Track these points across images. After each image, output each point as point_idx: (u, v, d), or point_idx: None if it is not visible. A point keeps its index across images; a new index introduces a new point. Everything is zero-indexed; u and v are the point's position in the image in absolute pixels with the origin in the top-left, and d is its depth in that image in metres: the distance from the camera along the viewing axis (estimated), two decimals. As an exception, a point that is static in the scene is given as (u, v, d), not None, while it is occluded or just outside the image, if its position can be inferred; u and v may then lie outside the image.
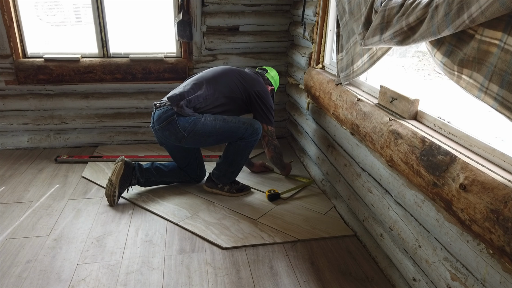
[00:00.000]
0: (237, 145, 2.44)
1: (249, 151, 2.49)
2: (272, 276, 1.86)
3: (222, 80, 2.47)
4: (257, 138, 2.45)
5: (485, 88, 1.11)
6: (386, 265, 1.88)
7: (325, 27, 2.60)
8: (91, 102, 3.22)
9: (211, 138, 2.35)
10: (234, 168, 2.52)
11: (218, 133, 2.34)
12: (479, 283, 1.25)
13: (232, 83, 2.48)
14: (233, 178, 2.56)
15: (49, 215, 2.30)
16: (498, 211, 1.09)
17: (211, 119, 2.34)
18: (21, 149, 3.24)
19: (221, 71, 2.54)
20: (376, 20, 1.62)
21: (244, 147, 2.44)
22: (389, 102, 1.81)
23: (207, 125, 2.31)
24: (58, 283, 1.78)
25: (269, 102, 2.56)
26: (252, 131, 2.40)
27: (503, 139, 1.99)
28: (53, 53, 3.14)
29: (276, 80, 2.83)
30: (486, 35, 1.10)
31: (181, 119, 2.27)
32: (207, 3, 3.12)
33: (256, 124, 2.44)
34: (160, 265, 1.92)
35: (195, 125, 2.28)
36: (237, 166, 2.53)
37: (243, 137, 2.40)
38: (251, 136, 2.41)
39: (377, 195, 1.89)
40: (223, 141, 2.46)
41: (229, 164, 2.50)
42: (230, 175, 2.53)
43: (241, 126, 2.38)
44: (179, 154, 2.56)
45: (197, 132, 2.29)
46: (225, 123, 2.36)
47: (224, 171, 2.52)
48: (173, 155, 2.59)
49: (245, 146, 2.44)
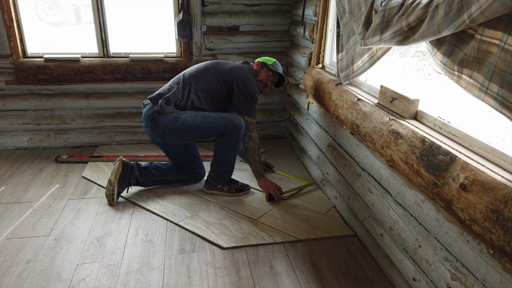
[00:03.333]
0: (221, 142, 2.44)
1: (234, 148, 2.45)
2: (272, 276, 1.86)
3: (202, 74, 2.46)
4: (240, 134, 2.40)
5: (485, 88, 1.11)
6: (386, 265, 1.88)
7: (325, 27, 2.60)
8: (91, 102, 3.22)
9: (192, 134, 2.38)
10: (225, 168, 2.51)
11: (199, 129, 2.35)
12: (479, 283, 1.25)
13: (211, 76, 2.45)
14: (227, 177, 2.55)
15: (49, 215, 2.30)
16: (498, 211, 1.09)
17: (192, 116, 2.35)
18: (21, 149, 3.24)
19: (203, 65, 2.51)
20: (376, 20, 1.62)
21: (228, 143, 2.42)
22: (389, 102, 1.81)
23: (188, 121, 2.33)
24: (58, 283, 1.78)
25: (249, 90, 2.41)
26: (232, 126, 2.36)
27: (503, 139, 1.98)
28: (53, 53, 3.14)
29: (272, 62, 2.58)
30: (486, 35, 1.10)
31: (162, 116, 2.33)
32: (207, 3, 3.12)
33: (237, 119, 2.38)
34: (160, 265, 1.92)
35: (176, 122, 2.32)
36: (228, 165, 2.51)
37: (224, 133, 2.39)
38: (231, 132, 2.38)
39: (377, 195, 1.89)
40: (205, 137, 2.46)
41: (219, 164, 2.50)
42: (223, 175, 2.53)
43: (221, 122, 2.36)
44: (172, 152, 2.58)
45: (178, 128, 2.33)
46: (205, 119, 2.36)
47: (217, 171, 2.52)
48: (167, 153, 2.61)
49: (228, 142, 2.42)
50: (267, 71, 2.55)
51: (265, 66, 2.55)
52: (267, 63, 2.56)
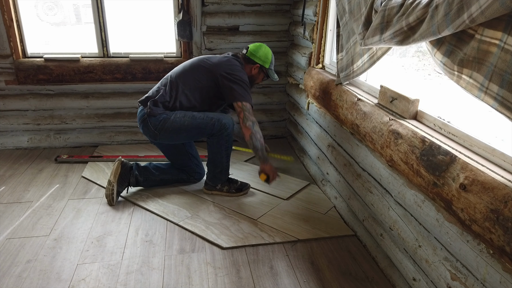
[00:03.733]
0: (211, 143, 2.45)
1: (225, 148, 2.45)
2: (272, 276, 1.86)
3: (189, 73, 2.45)
4: (228, 134, 2.40)
5: (485, 88, 1.11)
6: (386, 265, 1.88)
7: (325, 27, 2.60)
8: (91, 102, 3.22)
9: (182, 134, 2.39)
10: (219, 168, 2.50)
11: (187, 129, 2.36)
12: (479, 283, 1.25)
13: (198, 73, 2.44)
14: (224, 177, 2.55)
15: (49, 215, 2.30)
16: (498, 211, 1.09)
17: (181, 116, 2.36)
18: (21, 149, 3.24)
19: (189, 64, 2.51)
20: (376, 20, 1.62)
21: (217, 144, 2.43)
22: (389, 102, 1.81)
23: (176, 122, 2.34)
24: (58, 283, 1.78)
25: (239, 77, 2.37)
26: (220, 126, 2.37)
27: (503, 139, 1.98)
28: (53, 53, 3.14)
29: (261, 56, 2.50)
30: (486, 35, 1.10)
31: (152, 118, 2.36)
32: (207, 3, 3.12)
33: (225, 119, 2.38)
34: (160, 265, 1.92)
35: (165, 123, 2.34)
36: (221, 165, 2.50)
37: (213, 133, 2.39)
38: (220, 132, 2.38)
39: (377, 195, 1.89)
40: (195, 137, 2.47)
41: (213, 164, 2.50)
42: (219, 175, 2.53)
43: (208, 122, 2.36)
44: (170, 152, 2.59)
45: (167, 129, 2.35)
46: (193, 119, 2.36)
47: (212, 172, 2.53)
48: (165, 153, 2.62)
49: (217, 143, 2.43)
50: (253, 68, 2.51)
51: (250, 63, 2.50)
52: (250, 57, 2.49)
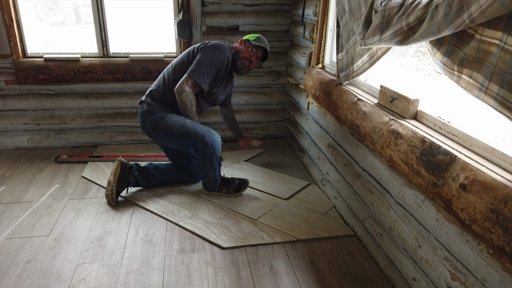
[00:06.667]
0: (197, 156, 2.42)
1: (210, 164, 2.41)
2: (272, 276, 1.86)
3: (179, 64, 2.45)
4: (212, 152, 2.36)
5: (485, 88, 1.11)
6: (386, 265, 1.88)
7: (325, 27, 2.60)
8: (91, 102, 3.22)
9: (171, 138, 2.38)
10: (208, 179, 2.49)
11: (175, 136, 2.34)
12: (479, 282, 1.25)
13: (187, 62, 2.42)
14: (215, 187, 2.53)
15: (49, 215, 2.30)
16: (498, 211, 1.09)
17: (174, 120, 2.35)
18: (21, 149, 3.24)
19: (180, 56, 2.51)
20: (376, 20, 1.62)
21: (202, 159, 2.39)
22: (389, 102, 1.81)
23: (168, 124, 2.34)
24: (58, 283, 1.78)
25: (209, 55, 2.34)
26: (202, 144, 2.32)
27: (503, 139, 1.98)
28: (53, 53, 3.14)
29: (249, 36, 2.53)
30: (486, 35, 1.10)
31: (151, 114, 2.38)
32: (207, 3, 3.12)
33: (208, 136, 2.33)
34: (160, 265, 1.92)
35: (159, 121, 2.36)
36: (209, 177, 2.47)
37: (197, 149, 2.37)
38: (203, 149, 2.35)
39: (377, 195, 1.89)
40: (183, 147, 2.46)
41: (203, 175, 2.49)
42: (210, 184, 2.52)
43: (193, 135, 2.31)
44: (171, 151, 2.59)
45: (160, 128, 2.36)
46: (182, 127, 2.32)
47: (203, 181, 2.54)
48: (167, 152, 2.62)
49: (202, 158, 2.38)
50: (249, 47, 2.48)
51: (247, 42, 2.49)
52: (249, 39, 2.50)
